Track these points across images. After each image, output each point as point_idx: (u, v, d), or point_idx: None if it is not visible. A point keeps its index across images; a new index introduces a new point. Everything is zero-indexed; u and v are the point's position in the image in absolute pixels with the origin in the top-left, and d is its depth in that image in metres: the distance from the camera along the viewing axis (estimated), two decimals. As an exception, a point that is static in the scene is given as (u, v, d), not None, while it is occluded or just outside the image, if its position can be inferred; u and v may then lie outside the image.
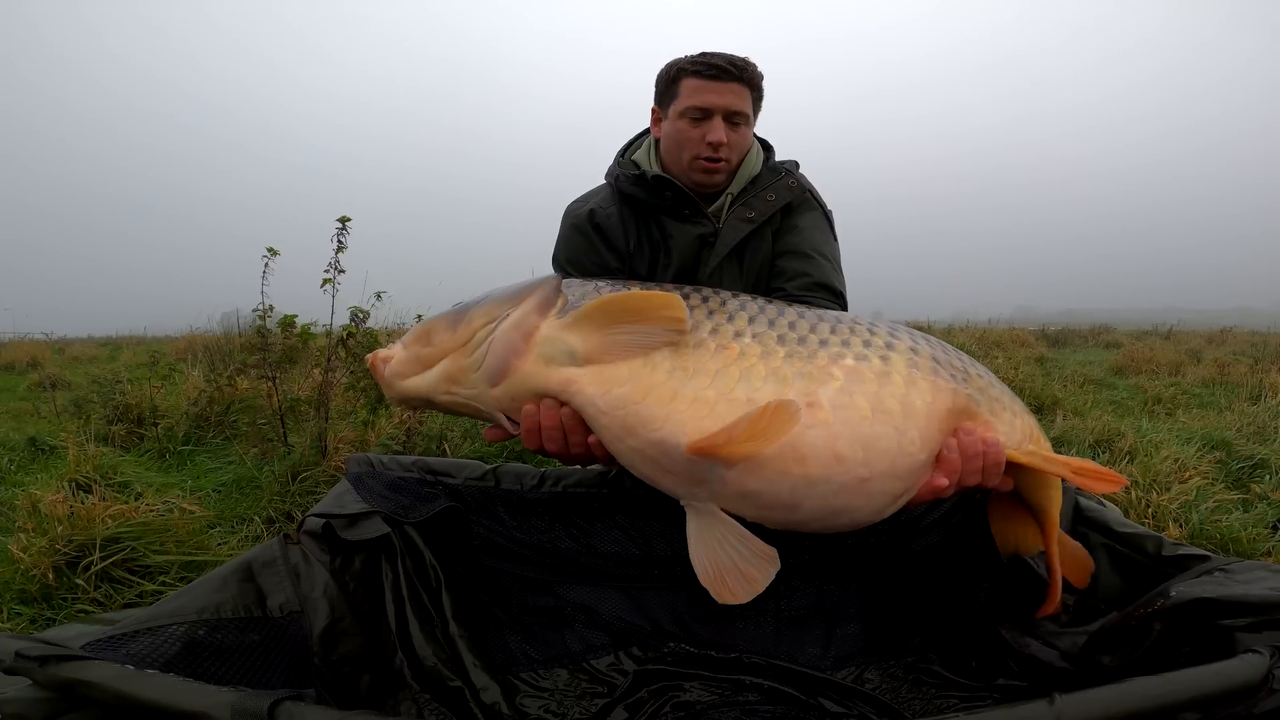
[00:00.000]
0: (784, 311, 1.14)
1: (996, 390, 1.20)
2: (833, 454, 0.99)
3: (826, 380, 1.00)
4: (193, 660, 1.02)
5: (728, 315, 1.10)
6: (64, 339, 13.97)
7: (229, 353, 5.26)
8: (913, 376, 1.05)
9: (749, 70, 1.70)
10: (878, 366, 1.04)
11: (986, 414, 1.14)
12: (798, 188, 1.83)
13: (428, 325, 1.22)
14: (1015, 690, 1.38)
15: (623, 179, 1.81)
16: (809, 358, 1.03)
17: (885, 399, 1.01)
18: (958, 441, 1.10)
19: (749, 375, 1.00)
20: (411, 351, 1.20)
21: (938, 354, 1.15)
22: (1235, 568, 1.20)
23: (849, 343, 1.07)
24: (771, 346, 1.03)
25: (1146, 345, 10.65)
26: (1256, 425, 4.45)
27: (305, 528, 1.28)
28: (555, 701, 1.38)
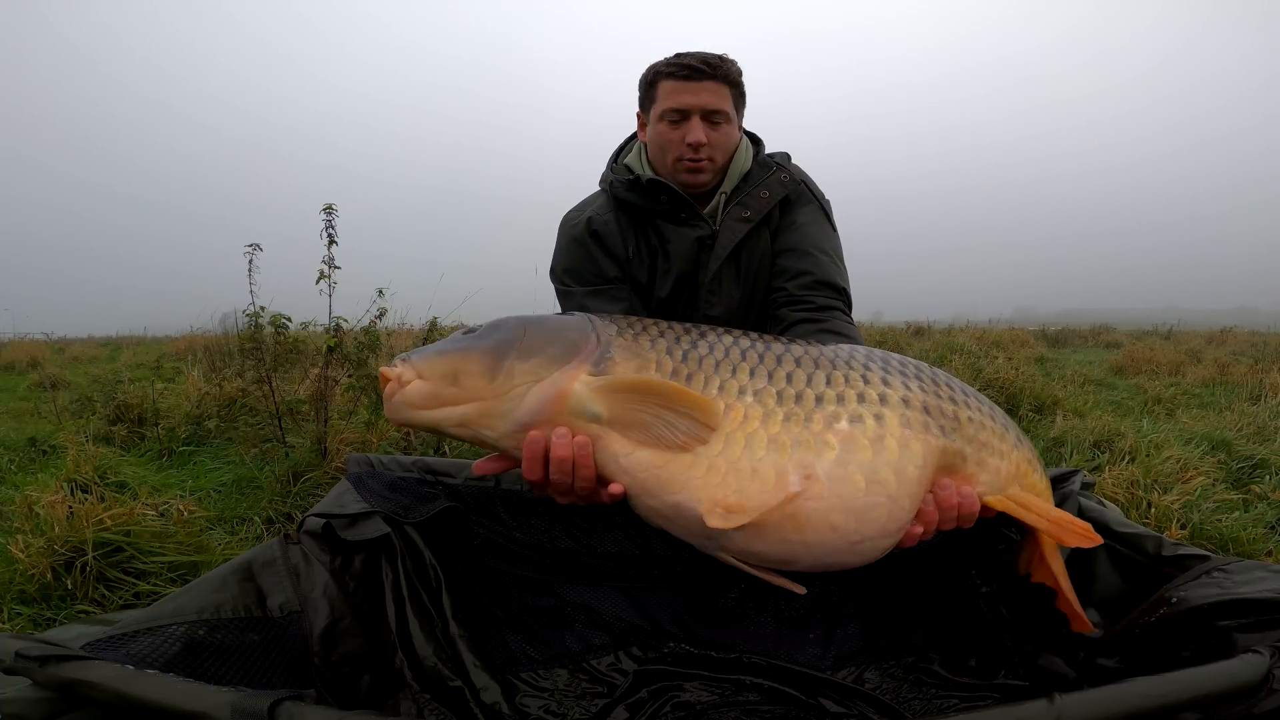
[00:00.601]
0: (781, 358, 1.15)
1: (987, 432, 1.19)
2: (828, 524, 1.04)
3: (823, 450, 1.04)
4: (193, 660, 1.02)
5: (731, 368, 1.12)
6: (64, 339, 13.97)
7: (229, 353, 5.26)
8: (906, 438, 1.08)
9: (723, 67, 1.69)
10: (872, 430, 1.07)
11: (971, 466, 1.17)
12: (791, 182, 1.82)
13: (457, 364, 1.11)
14: (1015, 690, 1.38)
15: (617, 185, 1.80)
16: (806, 421, 1.06)
17: (880, 469, 1.06)
18: (934, 495, 1.13)
19: (752, 443, 1.04)
20: (434, 387, 1.11)
21: (929, 400, 1.15)
22: (1235, 568, 1.20)
23: (844, 398, 1.09)
24: (771, 407, 1.07)
25: (1146, 345, 10.65)
26: (1256, 425, 4.45)
27: (305, 528, 1.29)
28: (555, 701, 1.38)
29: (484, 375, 1.10)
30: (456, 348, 1.14)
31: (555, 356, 1.11)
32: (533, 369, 1.10)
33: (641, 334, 1.17)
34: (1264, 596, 1.08)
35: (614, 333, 1.16)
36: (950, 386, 1.21)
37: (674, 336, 1.18)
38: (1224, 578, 1.17)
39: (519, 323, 1.17)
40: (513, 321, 1.18)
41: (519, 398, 1.10)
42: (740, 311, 1.88)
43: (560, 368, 1.10)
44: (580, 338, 1.14)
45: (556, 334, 1.15)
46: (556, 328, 1.17)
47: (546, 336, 1.14)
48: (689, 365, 1.13)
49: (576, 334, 1.15)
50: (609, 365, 1.11)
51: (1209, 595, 1.14)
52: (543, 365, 1.11)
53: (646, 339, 1.16)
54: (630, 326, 1.19)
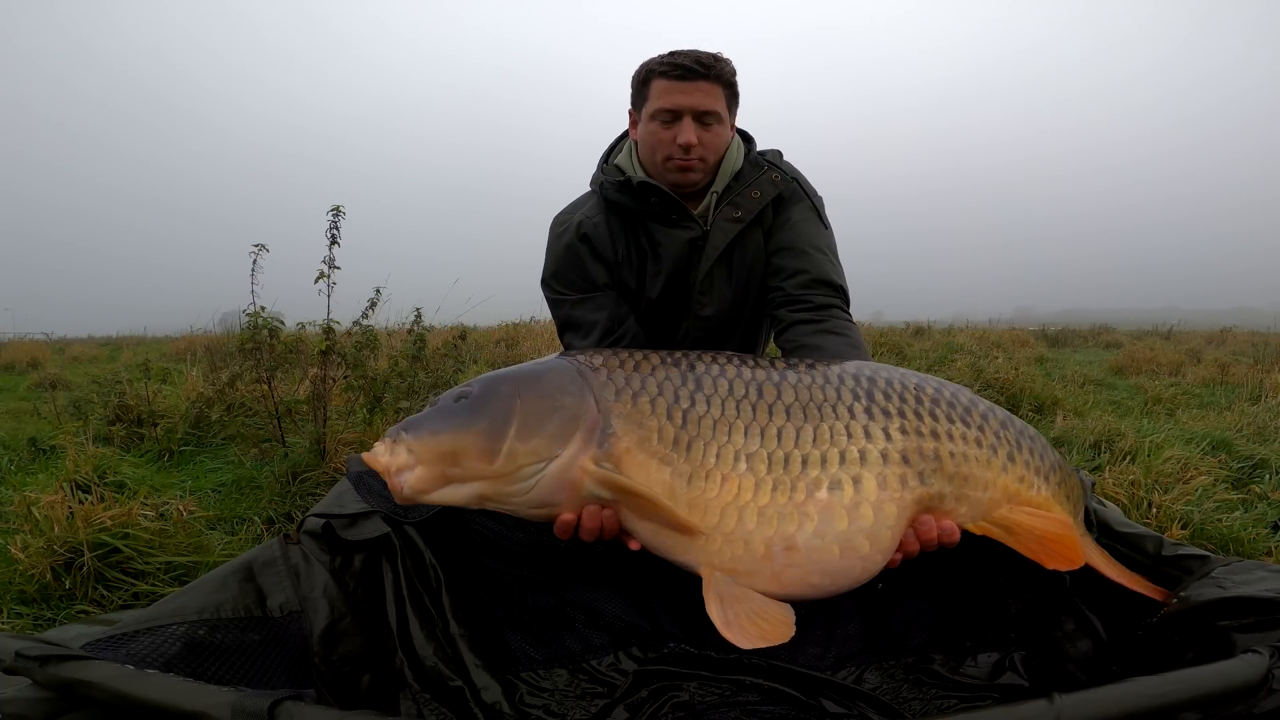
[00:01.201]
0: (773, 409, 1.17)
1: (971, 463, 1.21)
2: (806, 583, 1.14)
3: (803, 522, 1.12)
4: (193, 660, 1.02)
5: (728, 429, 1.14)
6: (64, 339, 13.97)
7: (229, 353, 5.26)
8: (881, 501, 1.14)
9: (717, 67, 1.67)
10: (849, 497, 1.13)
11: (950, 503, 1.20)
12: (782, 180, 1.81)
13: (453, 446, 1.08)
14: (1015, 690, 1.38)
15: (607, 186, 1.79)
16: (790, 490, 1.12)
17: (854, 538, 1.13)
18: (914, 529, 1.19)
19: (744, 516, 1.11)
20: (435, 470, 1.08)
21: (909, 444, 1.18)
22: (1235, 567, 1.20)
23: (826, 459, 1.14)
24: (761, 475, 1.13)
25: (1146, 345, 10.65)
26: (1257, 425, 4.45)
27: (305, 528, 1.28)
28: (555, 701, 1.38)
29: (483, 457, 1.08)
30: (450, 427, 1.10)
31: (556, 435, 1.10)
32: (534, 450, 1.09)
33: (640, 394, 1.15)
34: (1264, 596, 1.07)
35: (612, 396, 1.14)
36: (935, 413, 1.21)
37: (673, 392, 1.16)
38: (1225, 577, 1.17)
39: (511, 391, 1.13)
40: (505, 389, 1.13)
41: (529, 479, 1.10)
42: (732, 311, 1.88)
43: (564, 447, 1.10)
44: (579, 407, 1.12)
45: (553, 405, 1.12)
46: (551, 394, 1.13)
47: (543, 410, 1.11)
48: (689, 430, 1.14)
49: (574, 402, 1.12)
50: (612, 442, 1.11)
51: (1209, 595, 1.14)
52: (545, 446, 1.09)
53: (646, 400, 1.15)
54: (628, 383, 1.16)
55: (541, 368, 1.19)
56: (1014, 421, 1.30)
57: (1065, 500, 1.29)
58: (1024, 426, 1.31)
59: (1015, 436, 1.26)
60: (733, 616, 1.08)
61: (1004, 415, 1.29)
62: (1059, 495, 1.28)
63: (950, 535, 1.20)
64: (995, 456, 1.22)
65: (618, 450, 1.11)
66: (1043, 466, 1.27)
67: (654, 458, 1.12)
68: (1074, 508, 1.31)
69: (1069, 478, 1.32)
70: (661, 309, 1.88)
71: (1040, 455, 1.28)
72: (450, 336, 4.43)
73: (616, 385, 1.16)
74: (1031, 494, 1.25)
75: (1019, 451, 1.25)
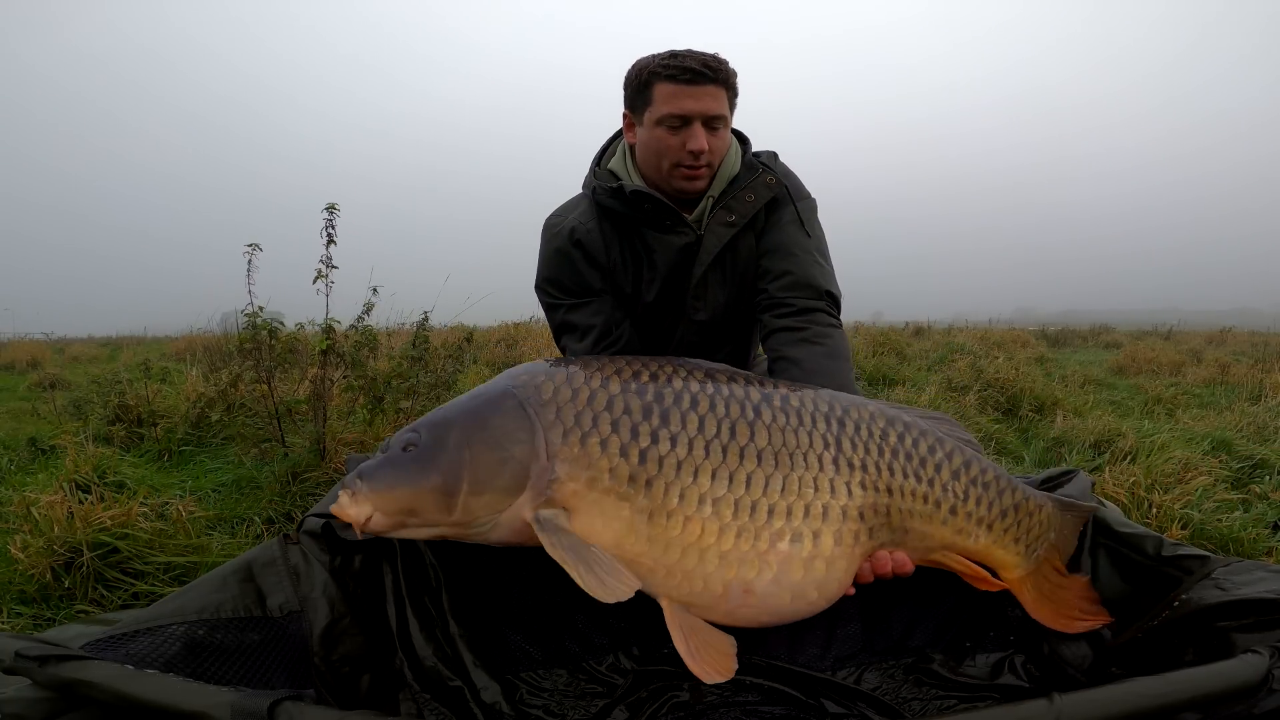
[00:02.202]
0: (744, 452, 1.17)
1: (917, 519, 1.26)
2: (757, 622, 1.20)
3: (762, 570, 1.15)
4: (193, 660, 1.02)
5: (693, 471, 1.14)
6: (64, 339, 13.97)
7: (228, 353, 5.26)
8: (834, 557, 1.19)
9: (724, 70, 1.65)
10: (807, 550, 1.17)
11: (914, 540, 1.28)
12: (777, 183, 1.79)
13: (408, 501, 1.11)
14: (1015, 690, 1.38)
15: (600, 192, 1.77)
16: (755, 537, 1.15)
17: (806, 588, 1.18)
18: (870, 564, 1.25)
19: (705, 558, 1.14)
20: (394, 519, 1.12)
21: (866, 501, 1.22)
22: (1235, 568, 1.20)
23: (792, 512, 1.17)
24: (726, 521, 1.14)
25: (1147, 345, 10.65)
26: (1257, 425, 4.45)
27: (305, 528, 1.28)
28: (555, 701, 1.38)
29: (439, 509, 1.11)
30: (403, 483, 1.11)
31: (506, 488, 1.11)
32: (488, 505, 1.12)
33: (591, 433, 1.13)
34: (1264, 596, 1.08)
35: (559, 439, 1.13)
36: (894, 466, 1.25)
37: (630, 428, 1.15)
38: (1224, 578, 1.17)
39: (460, 441, 1.12)
40: (453, 439, 1.13)
41: (486, 524, 1.14)
42: (726, 315, 1.87)
43: (514, 498, 1.12)
44: (527, 456, 1.12)
45: (502, 458, 1.11)
46: (500, 444, 1.12)
47: (493, 464, 1.11)
48: (648, 468, 1.13)
49: (523, 452, 1.12)
50: (555, 488, 1.12)
51: (1209, 596, 1.14)
52: (496, 500, 1.12)
53: (596, 441, 1.13)
54: (578, 422, 1.14)
55: (488, 409, 1.16)
56: (969, 469, 1.31)
57: (1013, 544, 1.33)
58: (980, 473, 1.32)
59: (964, 489, 1.30)
60: (694, 648, 1.11)
61: (960, 464, 1.31)
62: (1003, 540, 1.33)
63: (903, 567, 1.27)
64: (937, 511, 1.28)
65: (563, 494, 1.12)
66: (987, 516, 1.31)
67: (609, 495, 1.13)
68: (1024, 547, 1.35)
69: (1030, 518, 1.35)
70: (657, 313, 1.87)
71: (988, 505, 1.31)
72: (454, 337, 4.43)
73: (565, 425, 1.14)
74: (968, 543, 1.31)
75: (963, 504, 1.29)
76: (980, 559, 1.34)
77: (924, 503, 1.27)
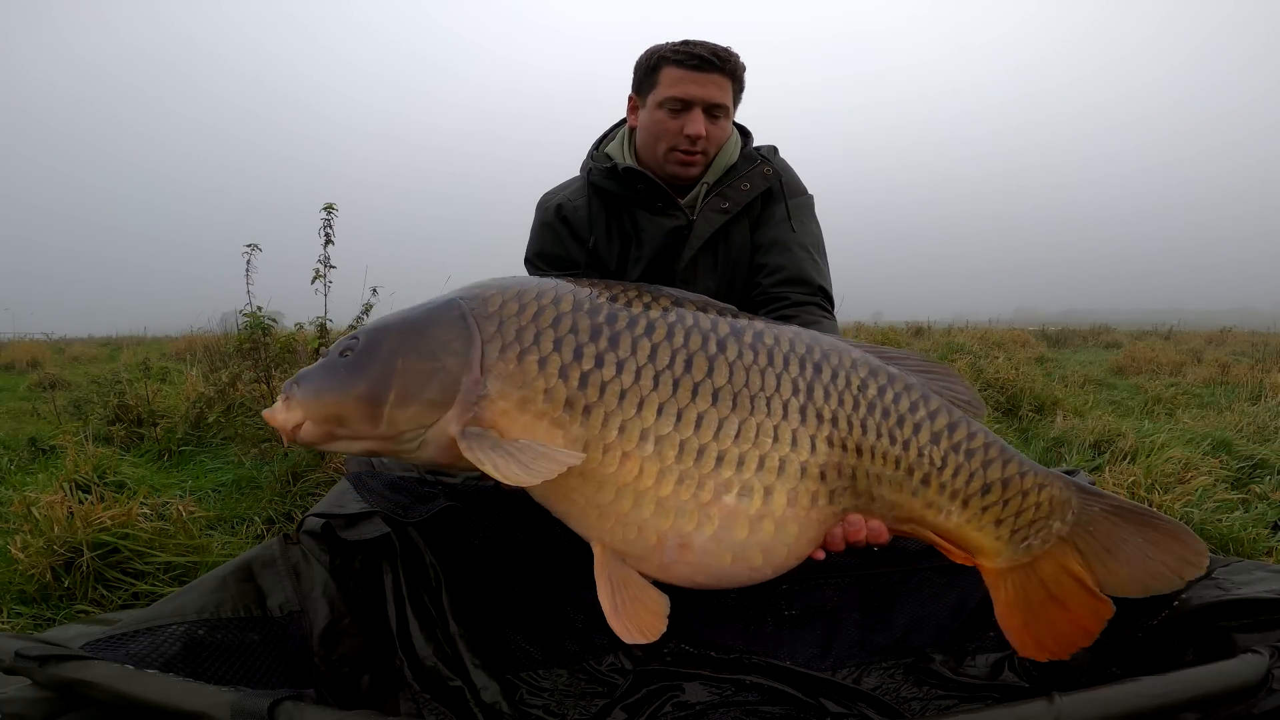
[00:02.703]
0: (698, 389, 1.06)
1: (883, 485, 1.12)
2: (691, 580, 1.10)
3: (703, 524, 1.05)
4: (193, 660, 1.02)
5: (638, 401, 1.04)
6: (64, 339, 13.96)
7: (228, 353, 5.26)
8: (785, 519, 1.08)
9: (732, 61, 1.67)
10: (756, 506, 1.06)
11: (880, 509, 1.14)
12: (774, 175, 1.81)
13: (336, 409, 1.04)
14: (1015, 690, 1.38)
15: (595, 172, 1.80)
16: (698, 486, 1.05)
17: (748, 550, 1.08)
18: (842, 530, 1.13)
19: (641, 502, 1.04)
20: (324, 429, 1.06)
21: (830, 460, 1.09)
22: (1235, 568, 1.20)
23: (744, 462, 1.06)
24: (669, 463, 1.04)
25: (1147, 345, 10.65)
26: (1257, 425, 4.45)
27: (305, 528, 1.28)
28: (555, 701, 1.38)
29: (365, 420, 1.04)
30: (332, 387, 1.05)
31: (434, 401, 1.04)
32: (413, 417, 1.04)
33: (530, 350, 1.05)
34: (1264, 596, 1.08)
35: (496, 353, 1.05)
36: (867, 423, 1.11)
37: (574, 347, 1.06)
38: (1224, 578, 1.17)
39: (392, 349, 1.06)
40: (387, 346, 1.06)
41: (413, 442, 1.06)
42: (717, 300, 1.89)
43: (441, 413, 1.04)
44: (458, 368, 1.04)
45: (433, 367, 1.04)
46: (434, 353, 1.05)
47: (422, 373, 1.04)
48: (587, 394, 1.04)
49: (456, 363, 1.04)
50: (484, 406, 1.03)
51: (1209, 596, 1.14)
52: (422, 413, 1.04)
53: (535, 357, 1.05)
54: (519, 337, 1.06)
55: (429, 317, 1.09)
56: (953, 432, 1.15)
57: (991, 526, 1.14)
58: (966, 438, 1.15)
59: (942, 455, 1.13)
60: (620, 603, 1.04)
61: (943, 426, 1.14)
62: (980, 520, 1.14)
63: (879, 536, 1.15)
64: (909, 479, 1.13)
65: (493, 413, 1.04)
66: (964, 489, 1.13)
67: (542, 419, 1.03)
68: (1007, 532, 1.15)
69: (1021, 498, 1.14)
70: None
71: (968, 476, 1.13)
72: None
73: (504, 339, 1.06)
74: (938, 519, 1.14)
75: (938, 473, 1.13)
76: (954, 540, 1.17)
77: (895, 468, 1.12)
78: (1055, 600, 1.14)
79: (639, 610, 1.05)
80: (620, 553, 1.08)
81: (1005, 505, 1.14)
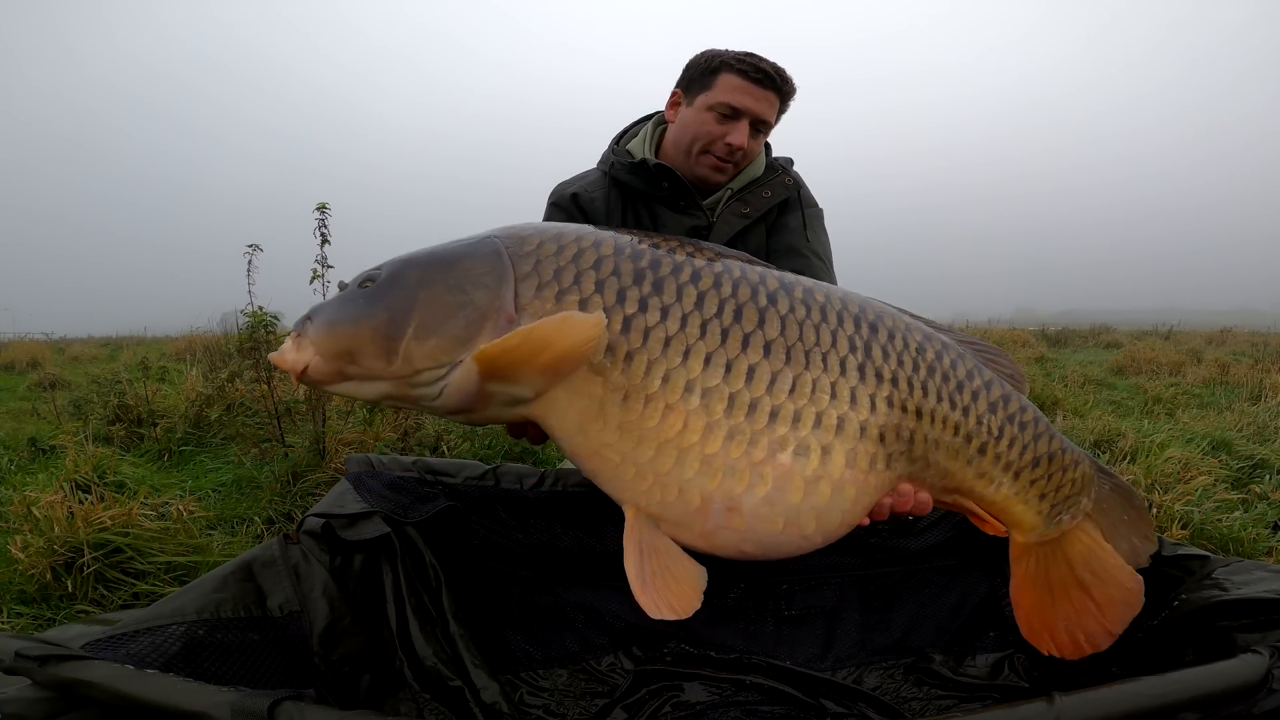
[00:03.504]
0: (749, 340, 0.99)
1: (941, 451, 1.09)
2: (736, 549, 1.02)
3: (754, 484, 0.97)
4: (193, 660, 1.01)
5: (684, 350, 0.97)
6: (64, 339, 13.96)
7: (228, 353, 5.26)
8: (843, 481, 1.01)
9: (787, 84, 1.71)
10: (813, 468, 0.99)
11: (933, 477, 1.11)
12: (793, 185, 1.85)
13: (349, 341, 0.96)
14: (1015, 690, 1.38)
15: (618, 166, 1.81)
16: (749, 445, 0.97)
17: (802, 514, 1.00)
18: (891, 502, 1.10)
19: (684, 460, 0.96)
20: (333, 365, 0.97)
21: (889, 422, 1.04)
22: (1235, 568, 1.20)
23: (799, 417, 0.99)
24: (717, 417, 0.96)
25: (1147, 345, 10.65)
26: (1256, 425, 4.45)
27: (305, 527, 1.28)
28: (555, 701, 1.38)
29: (380, 356, 0.95)
30: (346, 317, 0.97)
31: (459, 336, 0.95)
32: (433, 353, 0.95)
33: (569, 290, 0.97)
34: (1264, 596, 1.07)
35: (532, 292, 0.97)
36: (928, 386, 1.08)
37: (617, 290, 0.98)
38: (1224, 578, 1.17)
39: (417, 279, 0.98)
40: (411, 276, 0.98)
41: (432, 385, 0.96)
42: None
43: (464, 351, 0.94)
44: (490, 304, 0.96)
45: (460, 301, 0.96)
46: (462, 287, 0.97)
47: (448, 306, 0.96)
48: (630, 339, 0.96)
49: (486, 298, 0.96)
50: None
51: (1209, 596, 1.14)
52: (445, 348, 0.95)
53: (576, 298, 0.97)
54: (558, 277, 0.98)
55: (461, 251, 1.02)
56: (1007, 404, 1.14)
57: (1036, 499, 1.15)
58: (1019, 410, 1.15)
59: (999, 425, 1.12)
60: (650, 573, 0.95)
61: (998, 396, 1.14)
62: (1028, 493, 1.15)
63: (924, 508, 1.12)
64: (966, 447, 1.10)
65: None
66: (1017, 461, 1.13)
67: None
68: (1048, 506, 1.16)
69: (1062, 473, 1.16)
70: None
71: (1021, 448, 1.13)
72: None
73: (541, 278, 0.98)
74: (987, 490, 1.13)
75: (994, 442, 1.12)
76: (995, 512, 1.16)
77: (954, 434, 1.09)
78: (1067, 585, 1.16)
79: (670, 582, 0.96)
80: (656, 517, 0.99)
81: (1049, 479, 1.15)
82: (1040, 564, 1.17)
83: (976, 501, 1.15)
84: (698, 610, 0.99)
